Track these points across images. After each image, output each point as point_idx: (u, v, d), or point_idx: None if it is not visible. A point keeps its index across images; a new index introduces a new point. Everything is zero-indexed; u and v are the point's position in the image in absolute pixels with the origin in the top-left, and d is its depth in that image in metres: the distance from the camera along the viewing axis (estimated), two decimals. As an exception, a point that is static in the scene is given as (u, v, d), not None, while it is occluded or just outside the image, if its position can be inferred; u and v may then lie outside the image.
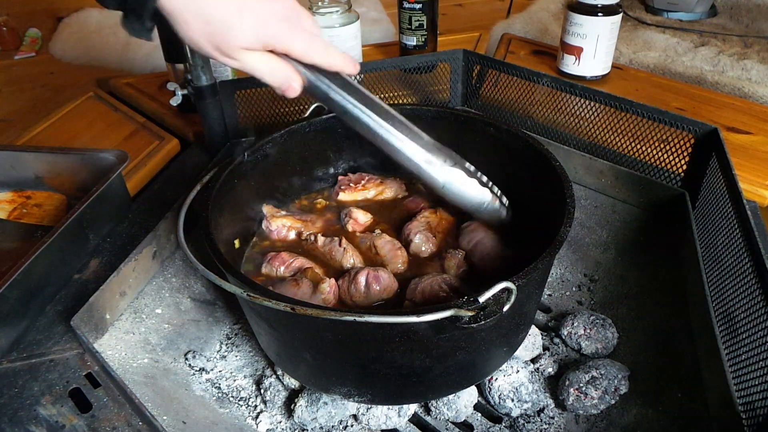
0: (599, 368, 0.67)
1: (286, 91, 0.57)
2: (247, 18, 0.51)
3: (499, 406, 0.67)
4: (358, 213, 0.78)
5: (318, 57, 0.56)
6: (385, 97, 1.10)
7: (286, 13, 0.53)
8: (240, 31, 0.51)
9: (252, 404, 0.70)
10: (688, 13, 1.63)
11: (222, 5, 0.50)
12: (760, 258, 0.58)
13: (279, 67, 0.55)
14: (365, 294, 0.66)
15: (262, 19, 0.51)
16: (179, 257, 0.80)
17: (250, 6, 0.51)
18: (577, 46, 1.15)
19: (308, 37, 0.55)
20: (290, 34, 0.54)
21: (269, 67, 0.55)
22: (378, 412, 0.66)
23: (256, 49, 0.53)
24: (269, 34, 0.52)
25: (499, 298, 0.49)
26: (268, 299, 0.51)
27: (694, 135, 0.80)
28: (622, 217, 0.87)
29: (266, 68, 0.55)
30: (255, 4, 0.51)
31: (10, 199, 0.90)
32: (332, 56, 0.57)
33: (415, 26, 1.19)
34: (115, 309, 0.70)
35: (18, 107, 1.50)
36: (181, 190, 0.92)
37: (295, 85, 0.57)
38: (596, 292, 0.83)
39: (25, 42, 1.87)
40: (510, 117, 1.03)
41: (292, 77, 0.56)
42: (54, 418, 0.60)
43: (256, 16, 0.51)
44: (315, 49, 0.56)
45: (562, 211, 0.60)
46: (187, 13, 0.49)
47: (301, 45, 0.55)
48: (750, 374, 0.56)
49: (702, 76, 1.30)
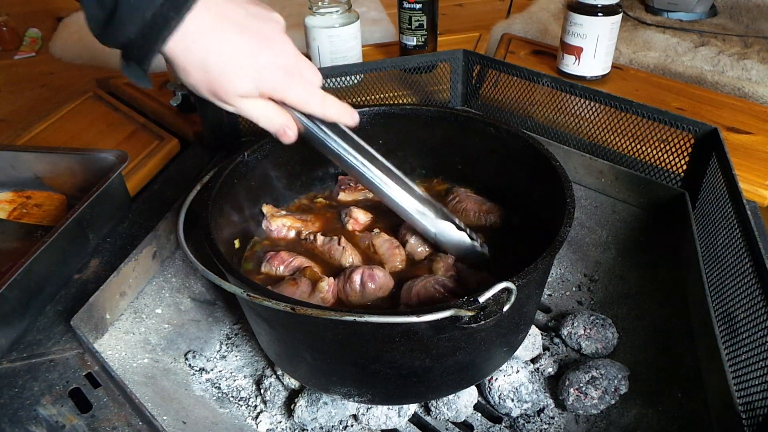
0: (599, 368, 0.67)
1: (281, 138, 0.58)
2: (247, 69, 0.51)
3: (499, 406, 0.67)
4: (358, 212, 0.78)
5: (315, 107, 0.57)
6: (385, 97, 1.10)
7: (286, 63, 0.53)
8: (238, 81, 0.51)
9: (252, 404, 0.70)
10: (688, 13, 1.63)
11: (221, 56, 0.50)
12: (760, 258, 0.58)
13: (275, 114, 0.56)
14: (360, 293, 0.66)
15: (260, 69, 0.52)
16: (179, 257, 0.80)
17: (250, 56, 0.51)
18: (577, 46, 1.15)
19: (307, 87, 0.56)
20: (289, 85, 0.54)
21: (266, 113, 0.55)
22: (378, 412, 0.66)
23: (253, 96, 0.53)
24: (267, 84, 0.53)
25: (499, 298, 0.49)
26: (268, 299, 0.51)
27: (694, 135, 0.80)
28: (622, 217, 0.87)
29: (263, 115, 0.55)
30: (255, 55, 0.51)
31: (10, 199, 0.90)
32: (329, 107, 0.58)
33: (415, 26, 1.19)
34: (115, 309, 0.70)
35: (18, 107, 1.50)
36: (181, 190, 0.92)
37: (290, 132, 0.58)
38: (596, 292, 0.83)
39: (25, 42, 1.86)
40: (510, 117, 1.03)
41: (288, 125, 0.57)
42: (54, 418, 0.60)
43: (255, 67, 0.51)
44: (312, 100, 0.56)
45: (562, 211, 0.60)
46: (188, 61, 0.49)
47: (299, 95, 0.55)
48: (750, 374, 0.56)
49: (702, 76, 1.30)
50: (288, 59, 0.54)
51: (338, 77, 1.03)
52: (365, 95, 1.08)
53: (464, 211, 0.78)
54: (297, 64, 0.55)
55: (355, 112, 0.62)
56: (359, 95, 1.08)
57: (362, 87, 1.08)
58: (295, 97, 0.55)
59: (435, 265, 0.69)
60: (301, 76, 0.55)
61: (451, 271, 0.69)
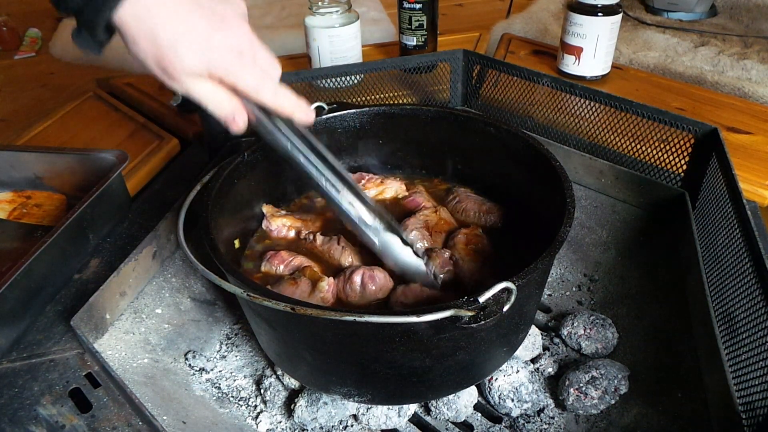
0: (599, 368, 0.67)
1: (230, 125, 0.56)
2: (196, 45, 0.49)
3: (499, 406, 0.67)
4: (358, 212, 0.78)
5: (266, 97, 0.55)
6: (385, 97, 1.10)
7: (240, 46, 0.52)
8: (187, 57, 0.49)
9: (252, 404, 0.70)
10: (688, 13, 1.63)
11: (172, 28, 0.48)
12: (760, 258, 0.58)
13: (225, 99, 0.54)
14: (360, 293, 0.66)
15: (212, 49, 0.50)
16: (179, 257, 0.80)
17: (201, 33, 0.49)
18: (577, 46, 1.15)
19: (259, 74, 0.54)
20: (240, 68, 0.52)
21: (214, 97, 0.54)
22: (378, 412, 0.66)
23: (202, 78, 0.52)
24: (217, 64, 0.51)
25: (499, 298, 0.49)
26: (268, 299, 0.51)
27: (694, 135, 0.80)
28: (622, 217, 0.87)
29: (211, 98, 0.53)
30: (207, 32, 0.50)
31: (10, 199, 0.90)
32: (282, 99, 0.56)
33: (415, 26, 1.19)
34: (115, 309, 0.70)
35: (18, 107, 1.50)
36: (181, 190, 0.92)
37: (239, 120, 0.56)
38: (596, 292, 0.83)
39: (25, 42, 1.86)
40: (510, 117, 1.03)
41: (237, 112, 0.55)
42: (54, 418, 0.60)
43: (205, 44, 0.50)
44: (264, 89, 0.54)
45: (562, 211, 0.60)
46: (137, 31, 0.48)
47: (250, 81, 0.53)
48: (750, 374, 0.56)
49: (702, 76, 1.30)
50: (242, 43, 0.52)
51: (338, 77, 1.03)
52: (365, 95, 1.08)
53: (464, 211, 0.79)
54: (251, 50, 0.53)
55: (312, 110, 0.59)
56: (359, 95, 1.08)
57: (362, 87, 1.08)
58: (246, 83, 0.53)
59: (431, 262, 0.70)
60: (255, 62, 0.53)
61: (448, 266, 0.69)
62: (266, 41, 0.55)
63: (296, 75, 0.99)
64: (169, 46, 0.48)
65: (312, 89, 1.07)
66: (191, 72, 0.50)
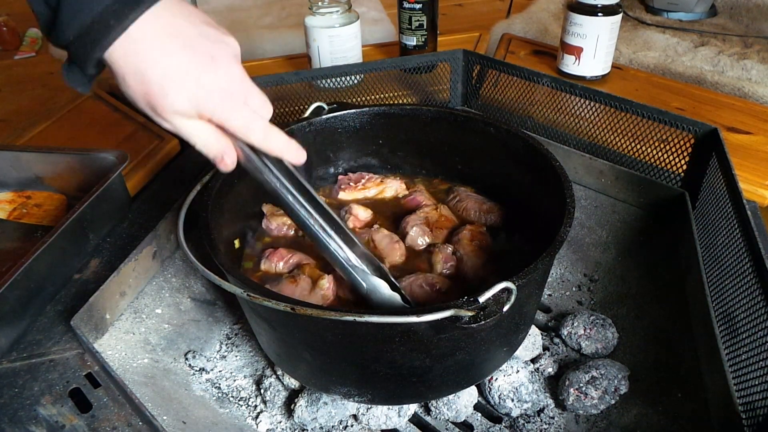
0: (599, 368, 0.67)
1: (218, 164, 0.55)
2: (185, 85, 0.49)
3: (499, 406, 0.67)
4: (358, 209, 0.78)
5: (256, 137, 0.54)
6: (385, 97, 1.10)
7: (229, 88, 0.51)
8: (175, 97, 0.49)
9: (252, 404, 0.70)
10: (688, 13, 1.63)
11: (161, 68, 0.48)
12: (760, 258, 0.58)
13: (214, 138, 0.54)
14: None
15: (201, 89, 0.49)
16: (179, 257, 0.80)
17: (191, 74, 0.49)
18: (577, 46, 1.15)
19: (249, 115, 0.53)
20: (229, 109, 0.51)
21: (203, 137, 0.53)
22: (378, 412, 0.66)
23: (191, 116, 0.51)
24: (206, 105, 0.50)
25: (499, 298, 0.49)
26: (268, 299, 0.51)
27: (694, 135, 0.80)
28: (622, 217, 0.87)
29: (200, 138, 0.53)
30: (197, 72, 0.49)
31: (10, 199, 0.90)
32: (272, 140, 0.55)
33: (415, 26, 1.19)
34: (115, 309, 0.70)
35: (18, 107, 1.50)
36: (181, 190, 0.92)
37: (228, 160, 0.55)
38: (596, 292, 0.83)
39: (25, 42, 1.87)
40: (510, 117, 1.03)
41: (226, 152, 0.55)
42: (54, 418, 0.60)
43: (195, 85, 0.49)
44: (253, 130, 0.53)
45: (562, 211, 0.60)
46: (126, 68, 0.47)
47: (239, 122, 0.52)
48: (750, 374, 0.56)
49: (702, 76, 1.30)
50: (232, 84, 0.51)
51: (338, 77, 1.03)
52: (365, 95, 1.08)
53: (464, 211, 0.79)
54: (242, 91, 0.52)
55: (303, 151, 0.57)
56: (359, 95, 1.08)
57: (362, 87, 1.08)
58: (235, 124, 0.52)
59: (434, 258, 0.70)
60: (245, 103, 0.53)
61: (451, 262, 0.69)
62: (266, 41, 0.54)
63: (296, 75, 0.99)
64: (158, 86, 0.48)
65: (312, 89, 1.07)
66: (179, 112, 0.50)
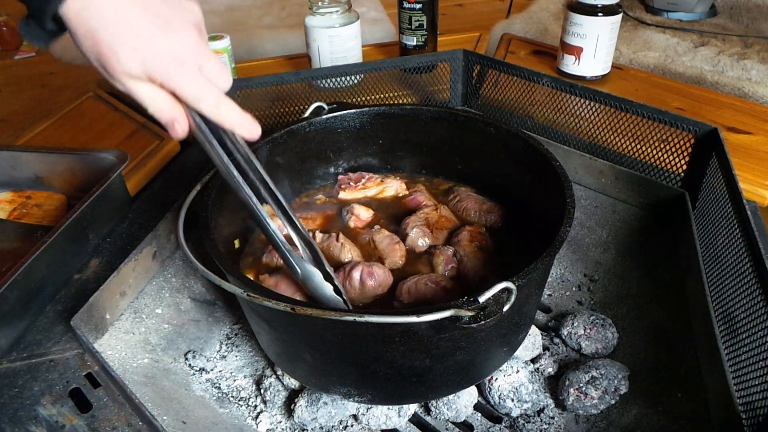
0: (599, 368, 0.67)
1: (169, 131, 0.55)
2: (136, 48, 0.48)
3: (499, 406, 0.67)
4: (360, 209, 0.78)
5: (207, 107, 0.52)
6: (385, 97, 1.10)
7: (182, 54, 0.50)
8: (126, 60, 0.48)
9: (252, 404, 0.70)
10: (688, 13, 1.63)
11: (113, 28, 0.47)
12: (760, 258, 0.58)
13: (166, 104, 0.53)
14: (360, 290, 0.66)
15: (152, 53, 0.49)
16: (179, 257, 0.80)
17: (143, 37, 0.48)
18: (577, 46, 1.15)
19: (202, 83, 0.51)
20: (181, 77, 0.50)
21: (155, 101, 0.52)
22: (378, 412, 0.66)
23: (142, 79, 0.50)
24: (157, 70, 0.49)
25: (499, 298, 0.49)
26: (268, 299, 0.51)
27: (694, 135, 0.80)
28: (622, 217, 0.87)
29: (152, 101, 0.52)
30: (150, 36, 0.48)
31: (10, 199, 0.90)
32: (225, 112, 0.54)
33: (415, 26, 1.19)
34: (115, 309, 0.70)
35: (18, 107, 1.50)
36: (181, 190, 0.92)
37: (178, 127, 0.54)
38: (596, 292, 0.83)
39: (25, 42, 1.87)
40: (510, 117, 1.03)
41: (177, 119, 0.53)
42: (54, 418, 0.60)
43: (146, 48, 0.48)
44: (205, 99, 0.52)
45: (562, 211, 0.60)
46: (79, 26, 0.47)
47: (190, 90, 0.51)
48: (750, 374, 0.56)
49: (702, 76, 1.30)
50: (186, 50, 0.50)
51: (338, 77, 1.03)
52: (365, 95, 1.08)
53: (465, 210, 0.79)
54: (197, 58, 0.51)
55: (257, 125, 0.56)
56: (359, 95, 1.08)
57: (362, 87, 1.08)
58: (186, 92, 0.51)
59: (435, 260, 0.70)
60: (199, 71, 0.51)
61: (452, 264, 0.69)
62: (266, 41, 0.54)
63: (296, 75, 0.99)
64: (109, 47, 0.48)
65: (312, 89, 1.07)
66: (130, 75, 0.49)
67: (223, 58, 1.16)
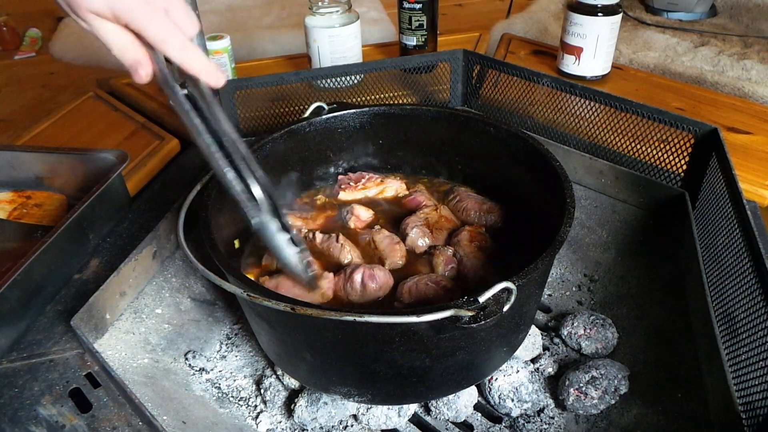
0: (599, 368, 0.67)
1: (132, 74, 0.53)
2: None
3: (499, 406, 0.67)
4: (360, 209, 0.78)
5: (172, 51, 0.52)
6: (385, 97, 1.10)
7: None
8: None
9: (252, 404, 0.70)
10: (688, 13, 1.63)
11: None
12: (760, 258, 0.58)
13: (131, 47, 0.52)
14: (361, 293, 0.66)
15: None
16: (179, 257, 0.80)
17: None
18: (577, 46, 1.15)
19: (168, 26, 0.51)
20: (147, 17, 0.50)
21: (120, 42, 0.51)
22: (378, 412, 0.66)
23: (107, 18, 0.50)
24: (122, 9, 0.49)
25: (499, 298, 0.49)
26: (268, 299, 0.51)
27: (694, 135, 0.80)
28: (622, 217, 0.87)
29: (116, 43, 0.51)
30: None
31: (10, 199, 0.90)
32: (189, 57, 0.53)
33: (415, 26, 1.19)
34: (115, 309, 0.70)
35: (18, 107, 1.50)
36: (181, 190, 0.92)
37: (142, 71, 0.53)
38: (596, 292, 0.83)
39: (25, 42, 1.87)
40: (510, 117, 1.03)
41: (141, 63, 0.52)
42: (54, 418, 0.60)
43: None
44: (171, 42, 0.51)
45: (562, 211, 0.60)
46: None
47: (156, 32, 0.50)
48: (750, 374, 0.56)
49: (702, 76, 1.30)
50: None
51: (338, 77, 1.03)
52: (365, 95, 1.08)
53: (465, 210, 0.79)
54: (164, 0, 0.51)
55: (222, 73, 0.55)
56: (359, 95, 1.08)
57: (362, 87, 1.08)
58: (152, 33, 0.50)
59: (435, 260, 0.70)
60: (166, 13, 0.51)
61: (452, 264, 0.69)
62: (266, 41, 0.54)
63: (296, 75, 0.99)
64: None
65: (312, 89, 1.07)
66: (95, 12, 0.49)
67: (223, 57, 1.16)
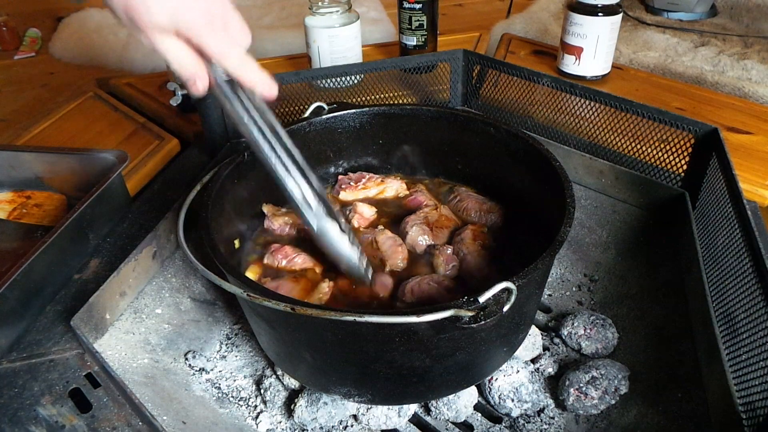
0: (599, 368, 0.67)
1: (189, 87, 0.56)
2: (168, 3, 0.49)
3: (499, 406, 0.67)
4: (363, 207, 0.78)
5: (231, 64, 0.54)
6: (385, 97, 1.10)
7: (213, 9, 0.52)
8: (156, 12, 0.49)
9: (252, 404, 0.70)
10: (688, 13, 1.63)
11: None
12: (760, 258, 0.58)
13: (189, 60, 0.54)
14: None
15: (182, 7, 0.50)
16: (179, 257, 0.80)
17: None
18: (577, 46, 1.15)
19: (227, 40, 0.54)
20: (209, 32, 0.52)
21: (179, 56, 0.53)
22: (378, 412, 0.66)
23: (169, 33, 0.51)
24: (185, 25, 0.51)
25: (499, 298, 0.49)
26: (268, 299, 0.51)
27: (694, 135, 0.80)
28: (622, 217, 0.87)
29: (176, 57, 0.53)
30: None
31: (10, 199, 0.90)
32: (247, 69, 0.55)
33: (415, 26, 1.19)
34: (115, 309, 0.70)
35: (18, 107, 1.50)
36: (181, 190, 0.92)
37: (200, 84, 0.55)
38: (596, 292, 0.83)
39: (25, 42, 1.86)
40: (510, 117, 1.03)
41: (199, 75, 0.55)
42: (54, 418, 0.60)
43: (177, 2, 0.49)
44: (230, 55, 0.54)
45: (562, 211, 0.60)
46: None
47: (217, 46, 0.53)
48: (750, 374, 0.56)
49: (702, 76, 1.30)
50: (214, 6, 0.52)
51: (338, 77, 1.03)
52: (365, 95, 1.08)
53: (465, 210, 0.79)
54: (223, 14, 0.53)
55: (275, 85, 0.57)
56: (359, 95, 1.08)
57: (362, 87, 1.08)
58: (213, 48, 0.53)
59: (435, 260, 0.70)
60: (225, 28, 0.53)
61: (453, 263, 0.69)
62: (266, 41, 0.54)
63: (296, 75, 0.99)
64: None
65: (312, 89, 1.07)
66: (158, 27, 0.50)
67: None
